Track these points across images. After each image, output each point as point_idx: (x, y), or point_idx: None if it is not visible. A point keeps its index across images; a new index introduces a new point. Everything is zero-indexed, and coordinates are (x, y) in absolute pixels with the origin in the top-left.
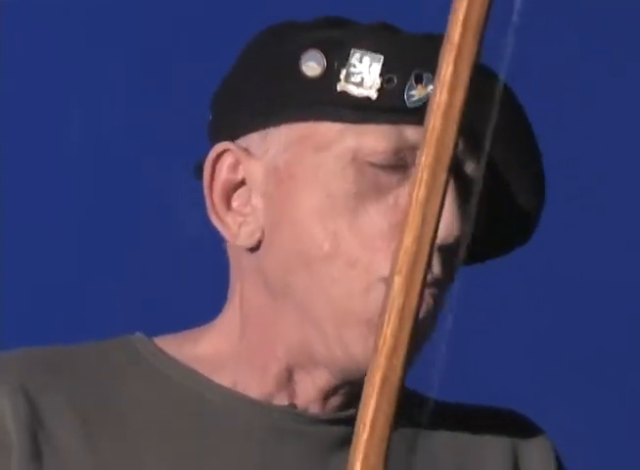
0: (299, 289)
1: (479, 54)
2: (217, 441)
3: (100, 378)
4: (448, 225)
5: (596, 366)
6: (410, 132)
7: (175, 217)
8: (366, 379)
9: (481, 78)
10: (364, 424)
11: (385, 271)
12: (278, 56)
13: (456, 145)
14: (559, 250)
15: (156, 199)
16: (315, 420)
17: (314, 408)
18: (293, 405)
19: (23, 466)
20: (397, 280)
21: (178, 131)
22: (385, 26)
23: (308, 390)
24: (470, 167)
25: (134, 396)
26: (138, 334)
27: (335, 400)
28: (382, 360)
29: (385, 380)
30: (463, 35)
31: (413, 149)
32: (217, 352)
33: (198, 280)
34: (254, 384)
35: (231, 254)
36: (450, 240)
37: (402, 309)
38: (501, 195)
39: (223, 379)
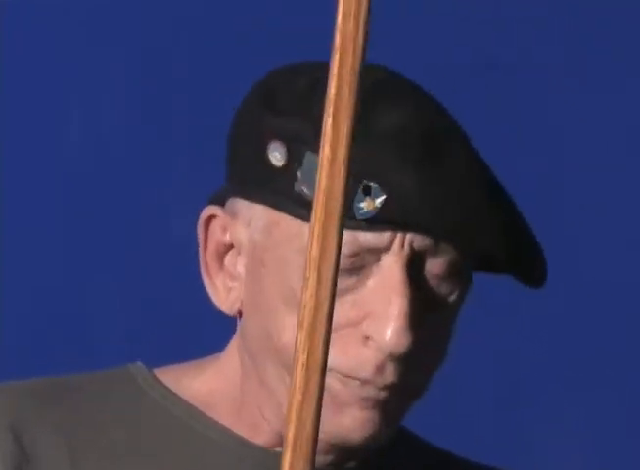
0: (272, 368)
1: (356, 106)
2: None
3: (95, 411)
4: (399, 333)
5: (593, 370)
6: (365, 237)
7: (174, 218)
8: (284, 437)
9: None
10: None
11: (336, 366)
12: (253, 137)
13: (345, 200)
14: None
15: (155, 200)
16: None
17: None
18: None
19: None
20: (300, 335)
21: (178, 131)
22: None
23: None
24: (433, 266)
25: (131, 431)
26: (138, 364)
27: (324, 460)
28: (292, 416)
29: (298, 435)
30: (338, 90)
31: (369, 251)
32: (214, 390)
33: (197, 281)
34: (253, 432)
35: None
36: (402, 349)
37: (308, 363)
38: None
39: (220, 418)
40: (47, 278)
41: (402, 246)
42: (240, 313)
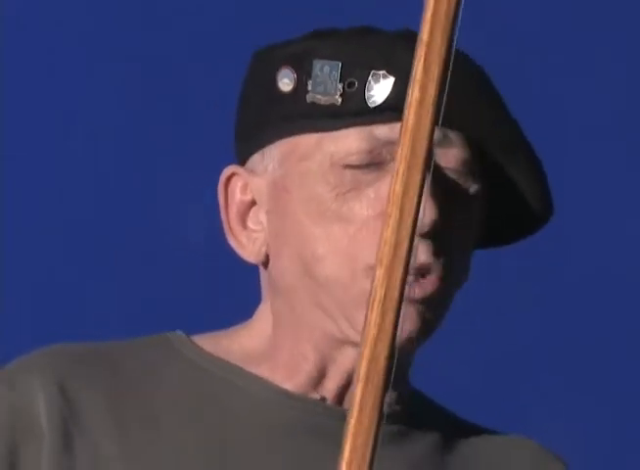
0: (307, 292)
1: (449, 51)
2: (250, 430)
3: (136, 373)
4: (426, 210)
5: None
6: (380, 130)
7: (179, 219)
8: (355, 368)
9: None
10: (353, 412)
11: (370, 260)
12: (259, 78)
13: (431, 140)
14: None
15: (154, 200)
16: (343, 415)
17: (346, 403)
18: (324, 399)
19: (54, 458)
20: (378, 272)
21: (180, 135)
22: (354, 31)
23: (339, 378)
24: (444, 157)
25: (170, 389)
26: (177, 332)
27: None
28: (366, 351)
29: (370, 370)
30: (431, 34)
31: (386, 145)
32: (252, 349)
33: (196, 280)
34: (287, 380)
35: (261, 268)
36: (430, 224)
37: (384, 300)
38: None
39: (258, 373)
40: (47, 279)
41: None
42: (266, 260)
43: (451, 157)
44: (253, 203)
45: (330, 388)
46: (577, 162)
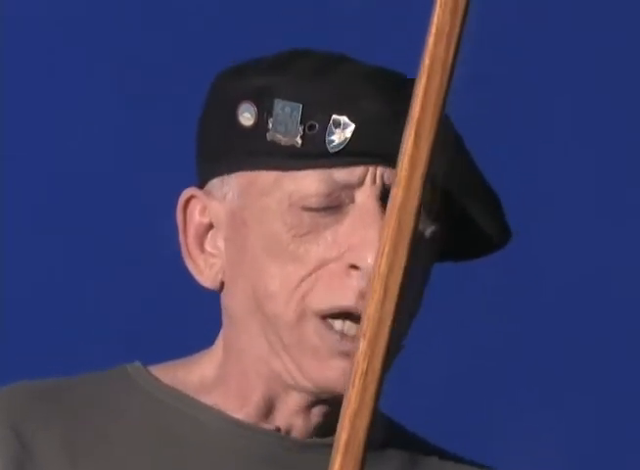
0: (256, 326)
1: (438, 129)
2: (202, 460)
3: (92, 408)
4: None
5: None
6: (339, 174)
7: (165, 220)
8: (334, 441)
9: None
10: None
11: (318, 304)
12: (221, 107)
13: (417, 217)
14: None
15: (152, 201)
16: (297, 445)
17: (296, 433)
18: (277, 429)
19: None
20: (362, 345)
21: (181, 136)
22: (320, 64)
23: (287, 413)
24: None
25: (125, 422)
26: (135, 363)
27: (306, 422)
28: (346, 423)
29: (350, 442)
30: (422, 111)
31: (344, 189)
32: (208, 376)
33: (190, 288)
34: (239, 409)
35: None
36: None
37: (366, 374)
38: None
39: (212, 402)
40: (46, 277)
41: (374, 180)
42: (222, 286)
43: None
44: (211, 226)
45: (280, 420)
46: (557, 165)
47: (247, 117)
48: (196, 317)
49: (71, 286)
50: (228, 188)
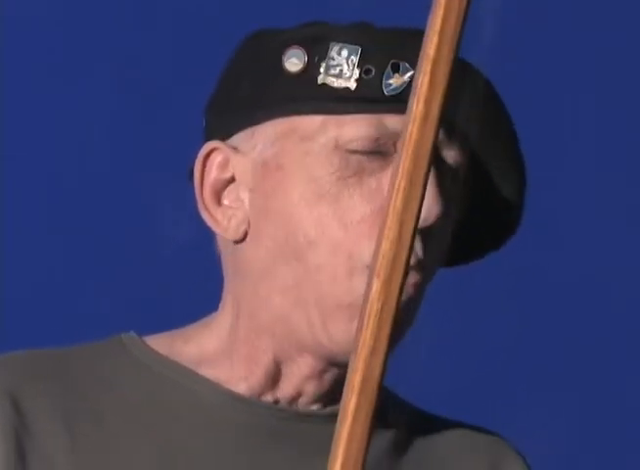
0: (287, 276)
1: (454, 65)
2: (201, 434)
3: (87, 378)
4: (428, 207)
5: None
6: (390, 120)
7: (165, 220)
8: (346, 381)
9: (462, 71)
10: (344, 425)
11: (368, 257)
12: (262, 55)
13: (433, 153)
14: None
15: (155, 202)
16: (296, 417)
17: (298, 404)
18: (277, 402)
19: (8, 468)
20: (376, 284)
21: (181, 137)
22: (364, 23)
23: (293, 380)
24: (449, 155)
25: (121, 393)
26: (131, 333)
27: (318, 388)
28: (360, 363)
29: (364, 382)
30: (438, 48)
31: (392, 136)
32: (207, 349)
33: (187, 280)
34: (242, 381)
35: (222, 252)
36: (430, 220)
37: (380, 313)
38: (483, 186)
39: (212, 375)
40: (46, 277)
41: None
42: (242, 239)
43: (456, 155)
44: (232, 180)
45: (285, 389)
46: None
47: (294, 62)
48: (196, 317)
49: (71, 286)
50: (259, 138)
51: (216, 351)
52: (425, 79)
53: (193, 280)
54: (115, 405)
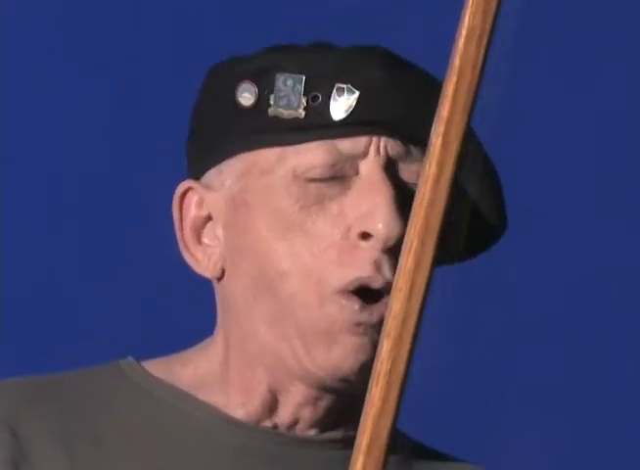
0: (266, 310)
1: (467, 129)
2: (199, 457)
3: (85, 403)
4: (389, 222)
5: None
6: (344, 144)
7: (165, 220)
8: (355, 442)
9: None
10: None
11: (338, 282)
12: (219, 93)
13: (445, 215)
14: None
15: (155, 202)
16: (294, 442)
17: (296, 429)
18: (275, 427)
19: None
20: (386, 344)
21: (180, 136)
22: (315, 46)
23: (289, 408)
24: (410, 169)
25: (119, 417)
26: (129, 358)
27: (313, 414)
28: (369, 424)
29: (372, 444)
30: (452, 111)
31: (349, 159)
32: (204, 374)
33: (187, 280)
34: (239, 407)
35: (214, 284)
36: (394, 236)
37: (390, 374)
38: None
39: (209, 400)
40: (46, 277)
41: (378, 151)
42: (222, 275)
43: (413, 172)
44: (209, 218)
45: (283, 416)
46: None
47: (246, 96)
48: (197, 317)
49: (71, 286)
50: (227, 174)
51: (212, 377)
52: (438, 141)
53: (193, 280)
54: (114, 428)
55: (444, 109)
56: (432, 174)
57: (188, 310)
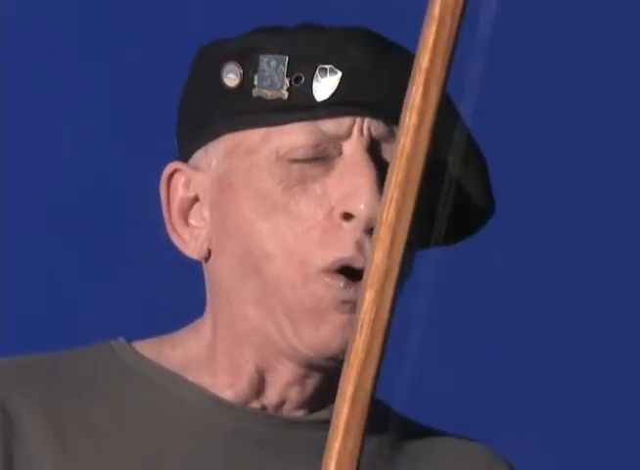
0: (253, 290)
1: (446, 78)
2: (186, 438)
3: (75, 383)
4: (372, 204)
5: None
6: (327, 125)
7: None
8: (338, 392)
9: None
10: (337, 437)
11: (322, 262)
12: (205, 73)
13: (426, 165)
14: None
15: (147, 203)
16: (283, 423)
17: (283, 410)
18: (264, 409)
19: None
20: (368, 294)
21: (172, 135)
22: (300, 27)
23: (280, 387)
24: (389, 153)
25: (108, 397)
26: (120, 339)
27: (301, 394)
28: (353, 374)
29: (356, 393)
30: (432, 60)
31: (332, 140)
32: (193, 355)
33: (187, 281)
34: (227, 388)
35: (203, 265)
36: (375, 220)
37: (373, 323)
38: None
39: (199, 381)
40: (46, 277)
41: (361, 132)
42: (208, 256)
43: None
44: (196, 199)
45: (271, 397)
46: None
47: (231, 77)
48: (195, 317)
49: (71, 286)
50: (212, 155)
51: (201, 358)
52: (418, 91)
53: (193, 280)
54: (104, 409)
55: (423, 59)
56: (412, 125)
57: (188, 311)
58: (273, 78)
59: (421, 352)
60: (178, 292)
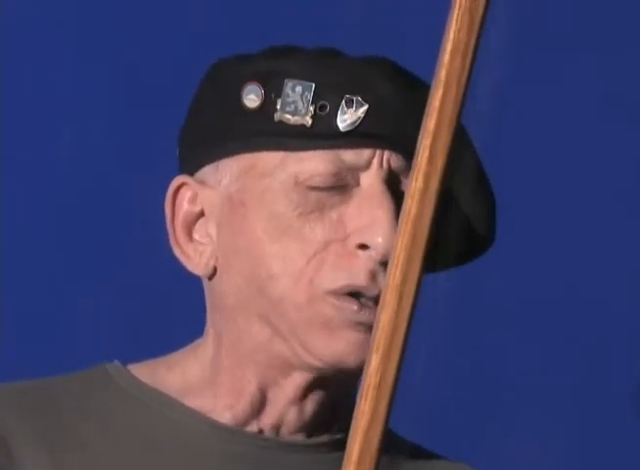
0: (258, 310)
1: (453, 141)
2: (181, 462)
3: (72, 408)
4: (389, 237)
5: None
6: (347, 155)
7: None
8: (345, 453)
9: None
10: None
11: (330, 284)
12: (223, 89)
13: (432, 229)
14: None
15: (147, 204)
16: (280, 447)
17: (280, 434)
18: (261, 432)
19: None
20: (374, 360)
21: (172, 135)
22: (324, 53)
23: (278, 405)
24: (406, 185)
25: (103, 421)
26: (115, 362)
27: (298, 416)
28: (359, 436)
29: (362, 454)
30: (437, 124)
31: (350, 170)
32: (192, 377)
33: (187, 281)
34: (227, 410)
35: (204, 282)
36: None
37: (379, 387)
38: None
39: (196, 404)
40: (46, 277)
41: (381, 164)
42: (213, 274)
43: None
44: (201, 214)
45: (270, 416)
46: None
47: (252, 98)
48: (197, 318)
49: (71, 287)
50: (224, 173)
51: (200, 380)
52: (424, 155)
53: (192, 280)
54: (100, 434)
55: (431, 121)
56: (418, 189)
57: (188, 311)
58: (297, 104)
59: (420, 354)
60: (178, 292)
